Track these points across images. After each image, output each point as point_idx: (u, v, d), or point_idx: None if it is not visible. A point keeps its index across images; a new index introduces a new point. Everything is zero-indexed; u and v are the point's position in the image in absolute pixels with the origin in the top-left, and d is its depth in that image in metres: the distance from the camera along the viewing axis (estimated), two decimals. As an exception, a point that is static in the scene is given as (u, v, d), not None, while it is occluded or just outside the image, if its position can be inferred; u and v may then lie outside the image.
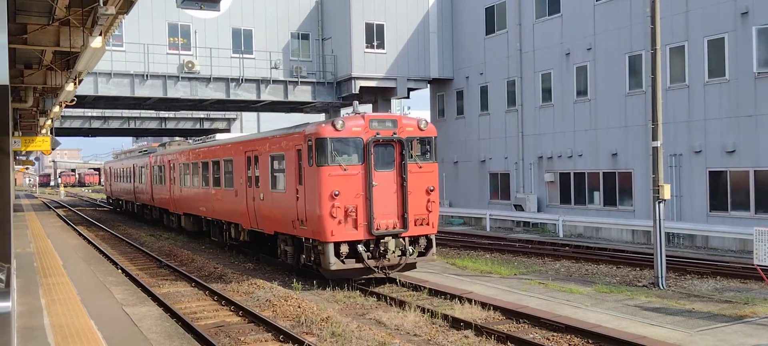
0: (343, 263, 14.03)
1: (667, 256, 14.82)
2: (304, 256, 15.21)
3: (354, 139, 14.18)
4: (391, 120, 14.81)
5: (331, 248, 13.88)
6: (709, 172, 21.04)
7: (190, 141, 26.62)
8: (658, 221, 14.34)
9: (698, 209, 21.22)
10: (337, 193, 13.86)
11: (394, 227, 14.35)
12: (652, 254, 14.94)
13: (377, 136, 14.28)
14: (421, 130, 14.89)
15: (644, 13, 21.98)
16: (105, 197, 53.75)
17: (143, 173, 31.96)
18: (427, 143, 14.99)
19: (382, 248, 14.24)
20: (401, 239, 14.47)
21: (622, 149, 23.81)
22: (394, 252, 14.33)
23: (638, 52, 23.08)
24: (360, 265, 14.16)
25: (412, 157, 14.63)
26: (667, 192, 14.37)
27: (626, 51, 23.58)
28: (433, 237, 15.02)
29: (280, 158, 16.04)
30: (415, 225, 14.55)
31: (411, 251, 14.54)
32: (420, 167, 14.70)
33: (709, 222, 20.63)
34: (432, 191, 14.79)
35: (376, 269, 14.27)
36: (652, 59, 14.64)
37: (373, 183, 14.16)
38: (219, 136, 23.21)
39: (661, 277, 14.25)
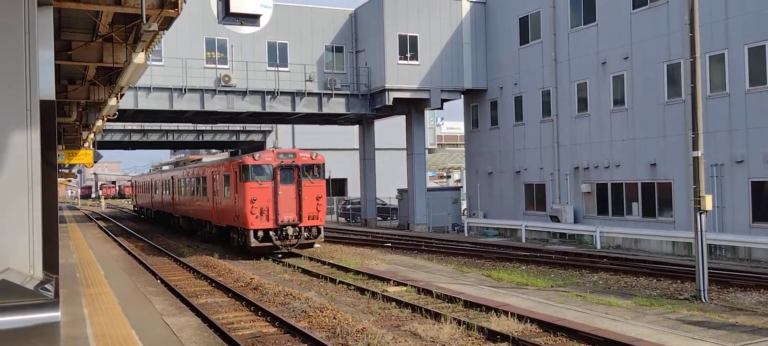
0: (259, 242, 21.66)
1: (709, 268, 14.49)
2: (240, 239, 22.76)
3: (266, 165, 22.04)
4: (292, 153, 22.77)
5: (251, 233, 21.58)
6: (752, 182, 20.53)
7: (195, 158, 34.94)
8: (699, 233, 14.04)
9: (740, 220, 20.70)
10: (255, 199, 21.60)
11: (292, 220, 22.01)
12: (694, 267, 14.62)
13: (282, 163, 22.11)
14: (313, 159, 22.73)
15: (682, 21, 21.63)
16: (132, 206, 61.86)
17: (156, 186, 39.86)
18: (316, 168, 22.64)
19: (284, 233, 21.89)
20: (297, 228, 22.05)
21: (661, 159, 23.39)
22: (292, 235, 21.99)
23: (677, 61, 22.69)
24: (270, 243, 21.79)
25: (305, 176, 22.29)
26: (708, 203, 14.06)
27: (664, 59, 23.21)
28: (321, 227, 22.70)
29: (228, 177, 23.60)
30: (308, 219, 22.18)
31: (305, 235, 22.24)
32: (311, 183, 22.34)
33: (751, 233, 20.11)
34: (320, 198, 22.45)
35: (280, 246, 21.94)
36: (692, 68, 14.38)
37: (279, 192, 21.87)
38: (205, 159, 30.47)
39: (703, 290, 13.93)
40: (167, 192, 35.79)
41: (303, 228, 22.08)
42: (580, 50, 26.87)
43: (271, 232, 21.65)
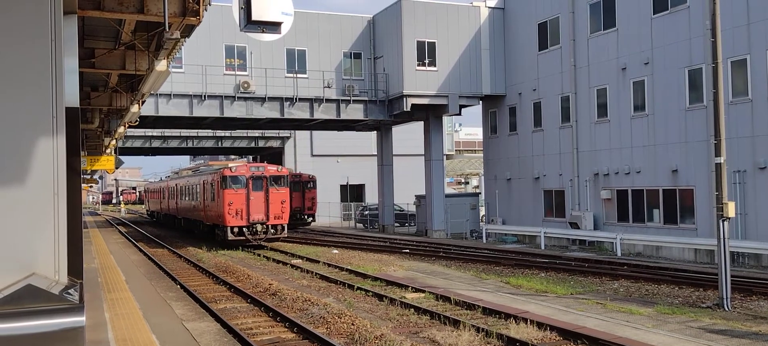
0: (235, 236, 27.28)
1: (731, 276, 14.29)
2: (221, 234, 28.09)
3: (240, 176, 27.63)
4: (261, 166, 28.93)
5: (228, 229, 27.22)
6: (776, 189, 20.22)
7: (190, 171, 40.58)
8: (722, 240, 13.86)
9: (764, 227, 20.39)
10: (231, 202, 27.13)
11: (261, 220, 27.60)
12: (716, 274, 14.43)
13: (253, 174, 27.70)
14: (278, 172, 28.67)
15: (703, 25, 21.42)
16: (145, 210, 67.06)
17: (163, 192, 45.56)
18: (282, 178, 28.50)
19: (254, 229, 27.49)
20: (265, 225, 27.68)
21: (683, 165, 23.14)
22: (261, 232, 27.59)
23: (698, 66, 22.46)
24: (243, 237, 27.34)
25: (272, 185, 27.83)
26: (731, 210, 13.88)
27: (685, 65, 22.98)
28: (285, 225, 28.40)
29: (212, 184, 28.96)
30: (274, 219, 27.75)
31: (272, 232, 27.86)
32: (277, 190, 27.99)
33: (776, 241, 19.79)
34: (284, 202, 28.13)
35: (251, 239, 27.37)
36: (714, 73, 14.23)
37: (251, 197, 27.33)
38: (204, 169, 35.43)
39: (726, 298, 13.74)
40: (172, 198, 41.60)
41: (269, 226, 27.80)
42: (600, 56, 26.69)
43: (244, 228, 27.33)
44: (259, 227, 27.45)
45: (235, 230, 27.19)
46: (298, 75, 31.46)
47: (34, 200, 4.04)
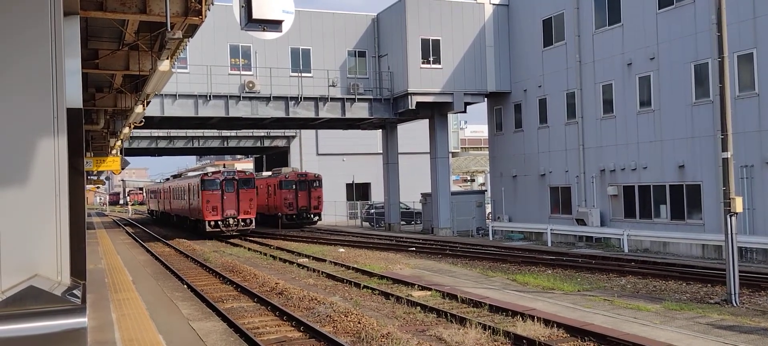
0: (211, 228, 33.15)
1: (740, 271, 14.20)
2: (201, 227, 33.76)
3: (216, 179, 33.68)
4: (233, 170, 35.40)
5: (206, 222, 33.09)
6: (784, 183, 20.08)
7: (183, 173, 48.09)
8: (730, 235, 13.77)
9: (773, 222, 20.26)
10: (209, 201, 33.02)
11: (233, 215, 33.36)
12: (724, 270, 14.35)
13: (226, 177, 33.71)
14: (246, 175, 35.24)
15: (709, 20, 21.28)
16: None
17: (160, 193, 51.42)
18: (249, 181, 34.60)
19: (227, 223, 33.20)
20: (236, 219, 33.46)
21: (690, 161, 23.02)
22: (233, 225, 33.39)
23: (704, 61, 22.33)
24: (219, 229, 33.22)
25: (242, 186, 33.73)
26: (739, 205, 13.78)
27: (692, 60, 22.85)
28: (253, 219, 34.20)
29: (196, 186, 34.77)
30: (244, 214, 33.62)
31: (242, 225, 33.71)
32: (246, 190, 33.84)
33: (784, 236, 19.66)
34: (252, 200, 34.01)
35: (225, 231, 33.20)
36: (720, 68, 14.14)
37: (224, 197, 33.17)
38: (190, 174, 40.07)
39: (734, 293, 13.65)
40: (166, 199, 47.43)
41: (240, 219, 33.72)
42: (605, 51, 26.57)
43: (219, 222, 33.21)
44: (231, 221, 33.43)
45: (212, 223, 33.14)
46: (303, 74, 31.46)
47: (36, 201, 4.03)
